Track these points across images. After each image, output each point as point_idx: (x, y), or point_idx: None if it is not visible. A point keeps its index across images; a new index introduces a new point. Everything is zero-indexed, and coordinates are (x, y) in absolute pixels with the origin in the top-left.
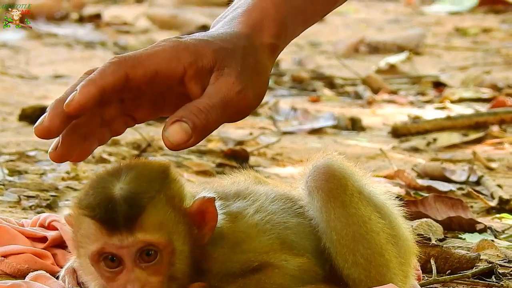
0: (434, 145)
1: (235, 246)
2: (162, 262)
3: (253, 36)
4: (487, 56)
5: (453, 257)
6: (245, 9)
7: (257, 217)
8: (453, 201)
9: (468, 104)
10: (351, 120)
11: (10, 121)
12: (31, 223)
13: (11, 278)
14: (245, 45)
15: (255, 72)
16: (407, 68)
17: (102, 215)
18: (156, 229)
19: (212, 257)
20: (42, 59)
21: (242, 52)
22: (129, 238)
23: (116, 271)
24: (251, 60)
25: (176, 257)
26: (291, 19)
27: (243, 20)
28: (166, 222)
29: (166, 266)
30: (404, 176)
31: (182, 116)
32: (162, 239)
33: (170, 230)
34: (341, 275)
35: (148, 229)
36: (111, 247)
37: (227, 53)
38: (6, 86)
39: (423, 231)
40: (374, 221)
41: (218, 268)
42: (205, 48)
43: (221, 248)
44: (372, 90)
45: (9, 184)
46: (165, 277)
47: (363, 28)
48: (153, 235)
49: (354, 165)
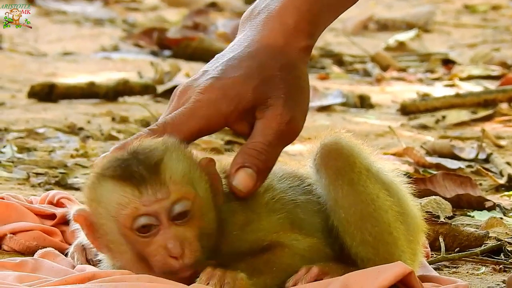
0: (443, 123)
1: (245, 225)
2: (195, 216)
3: (288, 47)
4: (496, 33)
5: (462, 235)
6: (277, 9)
7: (267, 196)
8: (462, 179)
9: (477, 82)
10: (360, 98)
11: (19, 98)
12: (40, 200)
13: (20, 255)
14: (283, 64)
15: (299, 91)
16: (416, 46)
17: (125, 171)
18: (183, 179)
19: (222, 235)
20: (51, 36)
21: (281, 75)
22: (162, 190)
23: (151, 234)
24: (292, 79)
25: (204, 208)
26: (323, 15)
27: (276, 26)
28: (187, 171)
29: (198, 220)
30: (413, 153)
31: (244, 163)
32: (190, 189)
33: (193, 180)
34: (349, 254)
35: (176, 179)
36: (145, 204)
37: (267, 85)
38: (15, 63)
39: (432, 208)
40: (382, 199)
41: (228, 247)
42: (244, 89)
43: (231, 226)
44: (381, 68)
45: (18, 161)
46: (199, 232)
47: (372, 5)
48: (183, 185)
49: (362, 143)
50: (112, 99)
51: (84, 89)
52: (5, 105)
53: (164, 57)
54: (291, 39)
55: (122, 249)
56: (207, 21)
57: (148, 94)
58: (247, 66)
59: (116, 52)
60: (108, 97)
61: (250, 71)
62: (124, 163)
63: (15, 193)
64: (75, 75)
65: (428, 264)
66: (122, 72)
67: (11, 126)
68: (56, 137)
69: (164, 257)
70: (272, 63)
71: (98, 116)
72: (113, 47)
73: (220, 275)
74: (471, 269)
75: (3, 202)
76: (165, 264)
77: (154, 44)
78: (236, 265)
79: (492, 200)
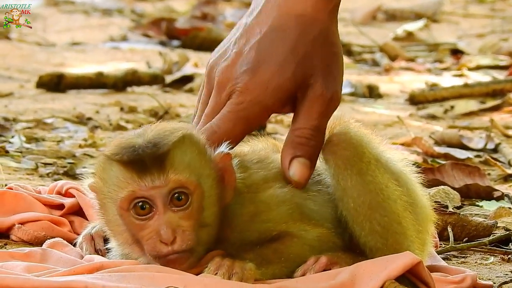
0: (451, 113)
1: (255, 215)
2: (193, 206)
3: (318, 13)
4: (504, 23)
5: (470, 225)
6: None
7: (278, 187)
8: (471, 169)
9: (486, 72)
10: (368, 88)
11: (27, 89)
12: (48, 190)
13: (28, 245)
14: (315, 36)
15: (334, 61)
16: (424, 36)
17: (130, 156)
18: (186, 169)
19: (231, 225)
20: (59, 26)
21: (315, 50)
22: (160, 177)
23: (146, 218)
24: (326, 50)
25: (205, 201)
26: None
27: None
28: (193, 163)
29: (197, 211)
30: (421, 143)
31: (295, 153)
32: (192, 180)
33: (198, 172)
34: (358, 243)
35: (178, 169)
36: (142, 189)
37: (303, 66)
38: (23, 53)
39: (440, 198)
40: (391, 189)
41: (236, 236)
42: (283, 79)
43: (241, 216)
44: (390, 58)
45: (26, 151)
46: (196, 223)
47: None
48: (184, 175)
49: (371, 133)
50: (120, 89)
51: (92, 79)
52: (14, 95)
53: (172, 47)
54: (319, 4)
55: (119, 230)
56: (216, 11)
57: (156, 84)
58: (281, 51)
59: (125, 42)
60: (116, 87)
61: (285, 57)
62: (132, 147)
63: (24, 183)
64: (84, 65)
65: (437, 254)
66: (131, 62)
67: (19, 116)
68: (64, 127)
69: (155, 242)
70: (304, 38)
71: (106, 106)
72: (122, 37)
73: (229, 265)
74: (480, 259)
75: (12, 192)
76: (154, 248)
77: (162, 34)
78: (245, 255)
79: (501, 190)
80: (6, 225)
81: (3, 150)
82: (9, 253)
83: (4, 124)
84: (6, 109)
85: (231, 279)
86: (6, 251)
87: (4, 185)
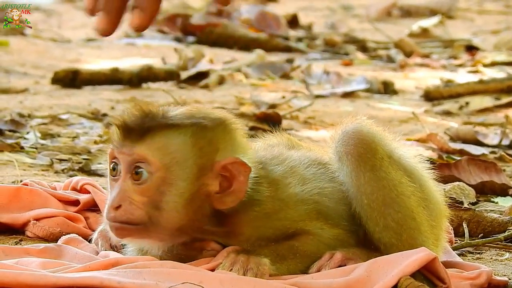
0: (466, 109)
1: (272, 213)
2: (150, 185)
3: None
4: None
5: (485, 221)
6: None
7: (296, 185)
8: (487, 164)
9: (501, 68)
10: (383, 84)
11: (42, 84)
12: (64, 186)
13: (44, 241)
14: None
15: None
16: (439, 32)
17: (121, 122)
18: (158, 151)
19: (245, 221)
20: (74, 22)
21: None
22: (130, 146)
23: (115, 179)
24: None
25: (169, 188)
26: None
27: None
28: (175, 152)
29: (153, 191)
30: (437, 139)
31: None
32: (157, 161)
33: (175, 161)
34: (372, 239)
35: (150, 146)
36: (115, 150)
37: None
38: (38, 49)
39: (456, 194)
40: (405, 185)
41: (251, 232)
42: None
43: (257, 213)
44: (405, 54)
45: (41, 147)
46: (149, 202)
47: None
48: (150, 153)
49: (383, 130)
50: (136, 85)
51: (107, 75)
52: (29, 91)
53: (188, 43)
54: None
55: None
56: (231, 8)
57: (172, 80)
58: None
59: (140, 38)
60: (132, 83)
61: None
62: (131, 116)
63: (39, 179)
64: (99, 61)
65: (452, 250)
66: (146, 58)
67: (34, 112)
68: (79, 123)
69: (108, 204)
70: None
71: (122, 102)
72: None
73: (244, 261)
74: (495, 255)
75: (27, 188)
76: (105, 211)
77: (178, 30)
78: (260, 250)
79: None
80: (22, 221)
81: (18, 146)
82: (24, 249)
83: (19, 120)
84: (22, 105)
85: (246, 274)
86: (21, 247)
87: (19, 181)
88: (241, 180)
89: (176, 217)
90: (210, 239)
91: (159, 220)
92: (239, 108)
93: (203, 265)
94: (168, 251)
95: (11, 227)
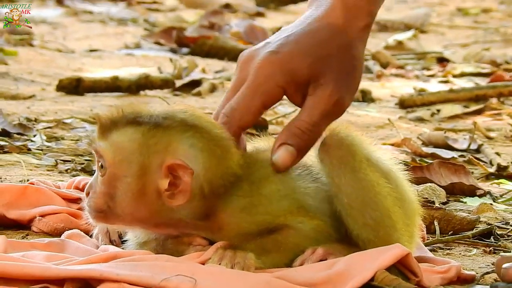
0: (438, 116)
1: (254, 207)
2: (105, 178)
3: (348, 26)
4: (486, 34)
5: (455, 219)
6: None
7: (278, 182)
8: (456, 167)
9: (469, 78)
10: (362, 92)
11: (48, 91)
12: (67, 185)
13: (48, 236)
14: (341, 44)
15: (351, 71)
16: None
17: (98, 116)
18: (112, 148)
19: (227, 216)
20: (78, 34)
21: (337, 55)
22: (96, 142)
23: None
24: (347, 59)
25: (119, 182)
26: None
27: (338, 5)
28: (124, 149)
29: (108, 184)
30: (410, 144)
31: (286, 140)
32: (109, 157)
33: (124, 158)
34: (352, 236)
35: (106, 144)
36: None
37: (322, 63)
38: (45, 59)
39: (428, 195)
40: (382, 186)
41: (233, 227)
42: (300, 64)
43: (238, 207)
44: (381, 65)
45: (47, 149)
46: (106, 193)
47: None
48: (106, 149)
49: (362, 134)
50: (134, 93)
51: (108, 83)
52: (36, 97)
53: (182, 54)
54: (351, 18)
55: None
56: (222, 21)
57: (167, 88)
58: (306, 42)
59: (138, 49)
60: (130, 90)
61: (307, 48)
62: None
63: (44, 178)
64: (100, 70)
65: (424, 246)
66: (144, 67)
67: (41, 117)
68: (82, 127)
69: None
70: (330, 42)
71: None
72: (136, 44)
73: (231, 256)
74: (464, 251)
75: (33, 187)
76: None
77: (173, 42)
78: (246, 245)
79: (483, 188)
80: (28, 217)
81: (26, 148)
82: (30, 243)
83: (27, 124)
84: (29, 110)
85: (234, 268)
86: (27, 242)
87: (26, 180)
88: (186, 180)
89: (128, 208)
90: (196, 234)
91: (116, 210)
92: None
93: (194, 259)
94: (160, 245)
95: (18, 222)
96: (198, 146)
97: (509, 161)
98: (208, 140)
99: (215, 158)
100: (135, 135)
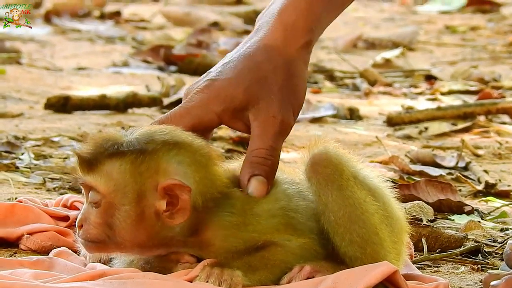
0: (425, 133)
1: (243, 225)
2: (101, 209)
3: (287, 46)
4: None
5: (443, 237)
6: (278, 10)
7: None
8: (443, 185)
9: (457, 96)
10: (349, 110)
11: (36, 109)
12: (55, 203)
13: (36, 253)
14: (278, 65)
15: (291, 90)
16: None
17: (77, 154)
18: (102, 179)
19: (215, 232)
20: (66, 52)
21: (274, 77)
22: (83, 176)
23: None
24: (286, 79)
25: (116, 211)
26: (323, 10)
27: (276, 26)
28: (116, 179)
29: (104, 214)
30: (398, 161)
31: (252, 171)
32: (102, 189)
33: (117, 187)
34: (339, 253)
35: (96, 177)
36: (78, 179)
37: (259, 86)
38: (33, 77)
39: (415, 212)
40: (369, 203)
41: (220, 244)
42: (236, 89)
43: (227, 225)
44: (369, 83)
45: (35, 167)
46: (103, 223)
47: (361, 25)
48: (97, 182)
49: (349, 152)
50: (122, 111)
51: (96, 101)
52: (24, 115)
53: (170, 72)
54: (290, 38)
55: None
56: (210, 39)
57: (155, 106)
58: (242, 67)
59: (126, 67)
60: (118, 108)
61: (243, 73)
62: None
63: (32, 196)
64: (88, 88)
65: (412, 264)
66: (132, 85)
67: (28, 135)
68: (70, 145)
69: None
70: (267, 64)
71: (109, 126)
72: (123, 62)
73: (218, 273)
74: (451, 269)
75: (21, 205)
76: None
77: (161, 60)
78: (233, 262)
79: (471, 205)
80: (16, 235)
81: (14, 166)
82: (18, 261)
83: (15, 142)
84: (17, 128)
85: (221, 285)
86: (15, 259)
87: (15, 198)
88: (184, 198)
89: (129, 235)
90: (184, 251)
91: (115, 238)
92: (217, 132)
93: (182, 276)
94: (148, 263)
95: (6, 240)
96: (185, 162)
97: (497, 178)
98: (192, 153)
99: (202, 168)
100: (124, 166)
